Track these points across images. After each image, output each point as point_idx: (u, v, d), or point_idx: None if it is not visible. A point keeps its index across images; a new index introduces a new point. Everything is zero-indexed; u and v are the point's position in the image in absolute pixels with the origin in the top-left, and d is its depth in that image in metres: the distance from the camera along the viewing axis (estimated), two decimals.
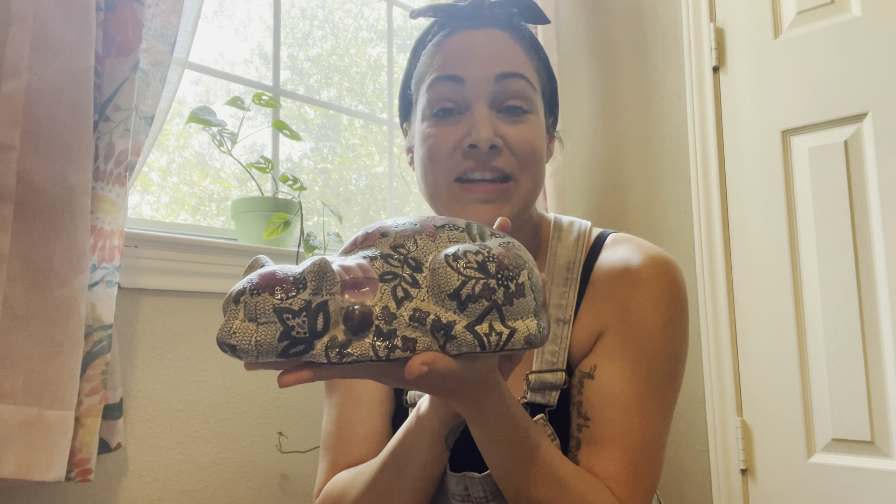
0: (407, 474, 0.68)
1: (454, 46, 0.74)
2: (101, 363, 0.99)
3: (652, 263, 0.73)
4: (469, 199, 0.71)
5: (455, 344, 0.49)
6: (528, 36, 0.78)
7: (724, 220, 1.66)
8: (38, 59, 0.90)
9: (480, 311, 0.49)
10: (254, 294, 0.46)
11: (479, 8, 0.76)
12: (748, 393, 1.59)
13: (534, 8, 0.77)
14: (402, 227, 0.54)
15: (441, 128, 0.72)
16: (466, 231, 0.54)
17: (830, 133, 1.53)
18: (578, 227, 0.81)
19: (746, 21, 1.67)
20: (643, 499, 0.69)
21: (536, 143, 0.73)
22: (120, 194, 1.03)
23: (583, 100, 1.98)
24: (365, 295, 0.49)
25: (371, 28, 1.96)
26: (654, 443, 0.69)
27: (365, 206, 1.88)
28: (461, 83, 0.71)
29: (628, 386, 0.70)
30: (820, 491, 1.46)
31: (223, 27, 1.60)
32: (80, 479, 0.96)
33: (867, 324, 1.44)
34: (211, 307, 1.25)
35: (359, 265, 0.50)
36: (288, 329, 0.46)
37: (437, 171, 0.72)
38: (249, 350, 0.46)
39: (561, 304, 0.74)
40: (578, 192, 1.95)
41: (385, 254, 0.51)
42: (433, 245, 0.52)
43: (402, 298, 0.49)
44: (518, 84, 0.72)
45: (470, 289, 0.49)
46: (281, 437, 1.32)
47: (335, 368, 0.48)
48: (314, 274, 0.47)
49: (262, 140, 1.57)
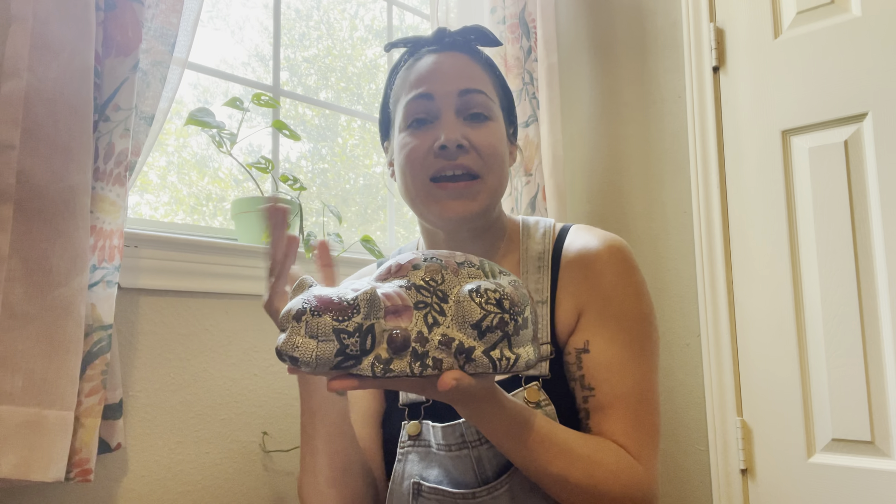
0: (315, 446, 0.79)
1: (423, 68, 0.86)
2: (101, 363, 0.99)
3: (608, 247, 0.86)
4: (442, 196, 0.82)
5: (473, 365, 0.59)
6: (485, 58, 0.91)
7: (724, 220, 1.66)
8: (37, 59, 0.90)
9: (495, 339, 0.60)
10: (315, 315, 0.56)
11: (443, 36, 0.90)
12: (748, 393, 1.59)
13: (488, 34, 0.90)
14: (431, 261, 0.64)
15: (416, 136, 0.84)
16: (481, 268, 0.65)
17: (830, 133, 1.53)
18: (544, 224, 0.93)
19: (746, 21, 1.67)
20: (648, 445, 0.79)
21: (497, 146, 0.85)
22: (120, 194, 1.03)
23: (583, 100, 1.98)
24: (402, 320, 0.59)
25: (367, 28, 1.96)
26: (648, 394, 0.81)
27: (363, 206, 1.88)
28: (431, 99, 0.84)
29: (617, 351, 0.81)
30: (820, 491, 1.46)
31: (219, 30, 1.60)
32: (80, 480, 0.96)
33: (867, 324, 1.44)
34: (211, 307, 1.25)
35: (397, 294, 0.60)
36: (343, 347, 0.56)
37: (415, 173, 0.84)
38: (310, 362, 0.55)
39: (538, 288, 0.86)
40: (578, 193, 1.95)
41: (418, 285, 0.62)
42: (456, 280, 0.63)
43: (432, 325, 0.60)
44: (479, 97, 0.85)
45: (489, 321, 0.60)
46: (276, 439, 1.32)
47: (377, 381, 0.58)
48: (366, 301, 0.57)
49: (259, 140, 1.57)
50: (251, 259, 1.30)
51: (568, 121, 1.99)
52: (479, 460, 0.79)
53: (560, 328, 0.85)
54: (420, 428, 0.84)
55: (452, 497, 0.79)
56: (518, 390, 0.81)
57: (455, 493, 0.79)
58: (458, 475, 0.80)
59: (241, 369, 1.29)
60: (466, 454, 0.79)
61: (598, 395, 0.80)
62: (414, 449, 0.84)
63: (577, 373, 0.82)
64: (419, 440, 0.84)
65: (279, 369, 1.34)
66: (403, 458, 0.84)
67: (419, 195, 0.84)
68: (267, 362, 1.33)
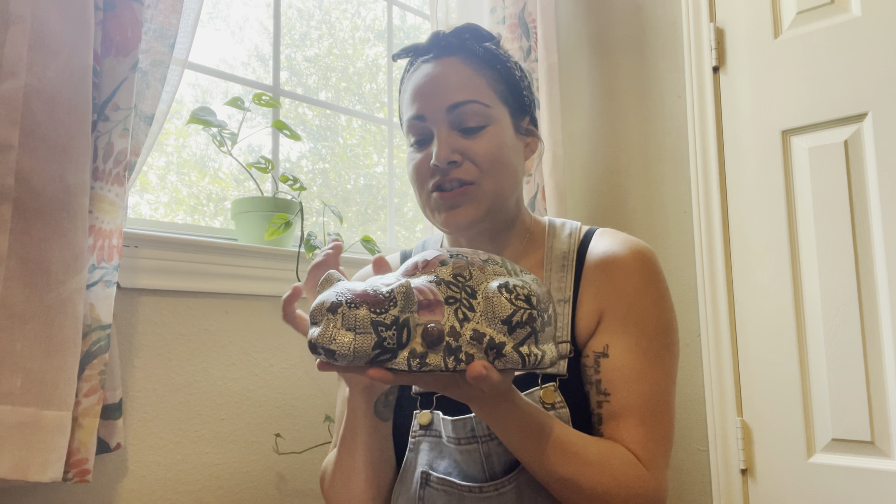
0: (356, 449, 0.83)
1: (416, 84, 0.88)
2: (100, 363, 0.99)
3: (634, 252, 0.86)
4: (444, 206, 0.85)
5: (503, 361, 0.59)
6: (481, 54, 0.89)
7: (724, 220, 1.66)
8: (36, 58, 0.90)
9: (524, 335, 0.60)
10: (352, 307, 0.55)
11: (437, 41, 0.90)
12: (748, 393, 1.58)
13: (479, 30, 0.91)
14: (458, 258, 0.64)
15: (418, 152, 0.88)
16: (503, 266, 0.66)
17: (830, 133, 1.53)
18: (570, 225, 0.94)
19: (746, 21, 1.67)
20: (659, 455, 0.79)
21: (496, 151, 0.85)
22: (119, 194, 1.03)
23: (583, 100, 1.98)
24: (435, 314, 0.59)
25: (368, 28, 1.96)
26: (663, 405, 0.81)
27: (364, 206, 1.88)
28: (423, 120, 0.86)
29: (635, 359, 0.81)
30: (820, 491, 1.46)
31: (219, 30, 1.60)
32: (78, 480, 0.96)
33: (867, 324, 1.44)
34: (210, 307, 1.25)
35: (429, 289, 0.60)
36: (381, 340, 0.55)
37: (419, 188, 0.88)
38: (347, 355, 0.55)
39: (560, 286, 0.87)
40: (578, 193, 1.95)
41: (447, 281, 0.62)
42: (482, 276, 0.63)
43: (462, 320, 0.60)
44: (469, 108, 0.85)
45: (519, 317, 0.60)
46: (278, 439, 1.32)
47: (411, 375, 0.58)
48: (402, 294, 0.56)
49: (259, 140, 1.57)
50: (251, 259, 1.30)
51: (568, 121, 1.99)
52: (488, 455, 0.80)
53: (580, 329, 0.85)
54: (431, 418, 0.85)
55: (459, 489, 0.80)
56: (534, 389, 0.81)
57: (462, 486, 0.80)
58: (467, 468, 0.81)
59: (241, 369, 1.29)
60: (476, 448, 0.80)
61: (614, 401, 0.80)
62: (425, 439, 0.85)
63: (595, 377, 0.82)
64: (430, 430, 0.85)
65: (279, 369, 1.34)
66: (415, 448, 0.85)
67: (426, 206, 0.88)
68: (267, 362, 1.33)
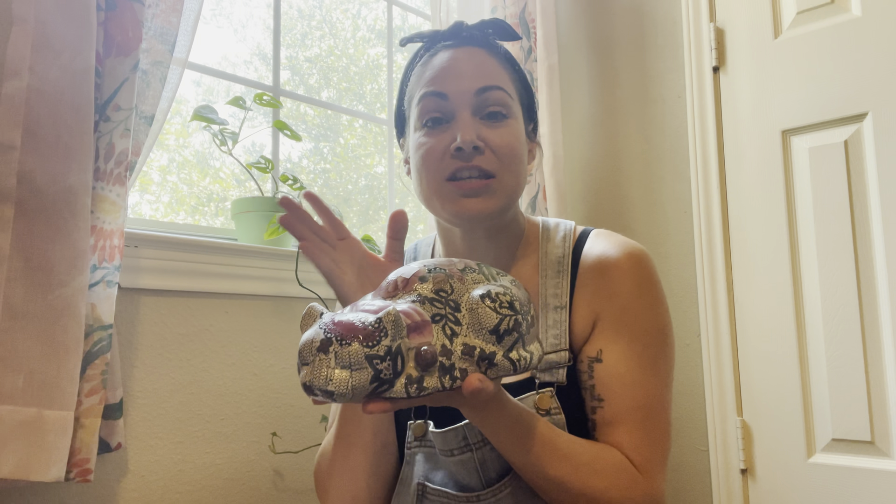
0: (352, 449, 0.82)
1: (438, 64, 0.83)
2: (101, 363, 0.99)
3: (628, 255, 0.83)
4: (458, 195, 0.80)
5: (496, 370, 0.59)
6: (504, 52, 0.87)
7: (724, 220, 1.66)
8: (39, 59, 0.90)
9: (512, 341, 0.60)
10: (344, 343, 0.53)
11: (459, 30, 0.86)
12: (748, 393, 1.59)
13: (506, 27, 0.87)
14: (436, 271, 0.63)
15: (431, 136, 0.82)
16: (480, 272, 0.65)
17: (830, 133, 1.53)
18: (564, 226, 0.91)
19: (746, 21, 1.67)
20: (655, 460, 0.78)
21: (515, 145, 0.82)
22: (120, 194, 1.03)
23: (583, 100, 1.98)
24: (424, 335, 0.58)
25: (370, 28, 1.96)
26: (659, 409, 0.79)
27: (364, 206, 1.88)
28: (446, 98, 0.81)
29: (630, 363, 0.79)
30: (820, 491, 1.46)
31: (221, 27, 1.60)
32: (80, 480, 0.96)
33: (867, 324, 1.44)
34: (211, 307, 1.25)
35: (415, 310, 0.59)
36: (377, 373, 0.54)
37: (431, 174, 0.81)
38: (346, 394, 0.53)
39: (556, 293, 0.85)
40: (578, 192, 1.95)
41: (430, 298, 0.61)
42: (463, 287, 0.62)
43: (451, 335, 0.59)
44: (496, 94, 0.82)
45: (506, 324, 0.60)
46: (275, 438, 1.32)
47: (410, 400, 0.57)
48: (391, 323, 0.55)
49: (260, 140, 1.57)
50: (251, 259, 1.30)
51: (568, 121, 1.99)
52: (482, 462, 0.79)
53: (576, 334, 0.83)
54: (425, 428, 0.84)
55: (457, 500, 0.79)
56: (529, 394, 0.80)
57: (459, 497, 0.79)
58: (462, 479, 0.80)
59: (241, 369, 1.29)
60: (470, 457, 0.79)
61: (608, 406, 0.79)
62: (420, 450, 0.84)
63: (588, 382, 0.81)
64: (424, 441, 0.84)
65: (279, 369, 1.35)
66: (411, 460, 0.84)
67: (435, 194, 0.82)
68: (267, 362, 1.33)
